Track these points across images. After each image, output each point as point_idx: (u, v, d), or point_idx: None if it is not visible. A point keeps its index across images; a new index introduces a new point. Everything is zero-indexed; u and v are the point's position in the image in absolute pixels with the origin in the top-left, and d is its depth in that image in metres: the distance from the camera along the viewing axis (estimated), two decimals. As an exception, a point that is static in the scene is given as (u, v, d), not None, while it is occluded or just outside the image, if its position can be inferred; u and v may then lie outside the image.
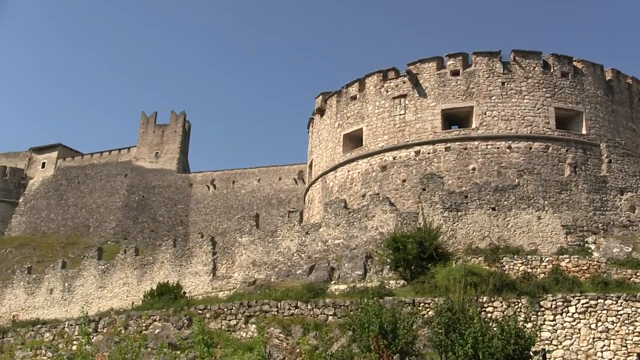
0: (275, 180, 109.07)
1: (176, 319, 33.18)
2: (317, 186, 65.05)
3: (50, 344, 35.99)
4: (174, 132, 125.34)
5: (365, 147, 59.89)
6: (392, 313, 25.21)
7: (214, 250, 54.88)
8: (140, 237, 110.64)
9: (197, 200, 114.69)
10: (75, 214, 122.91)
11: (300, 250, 49.88)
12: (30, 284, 63.63)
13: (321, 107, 66.99)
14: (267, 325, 28.44)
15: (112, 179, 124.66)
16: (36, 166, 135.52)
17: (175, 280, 51.26)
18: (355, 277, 43.25)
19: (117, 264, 59.34)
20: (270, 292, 35.40)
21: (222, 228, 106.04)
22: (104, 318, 36.39)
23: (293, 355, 25.79)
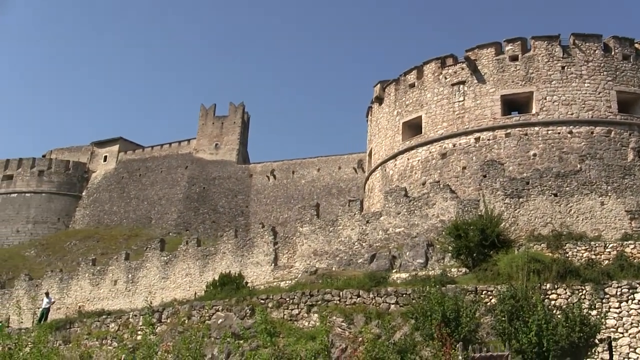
0: (335, 169, 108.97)
1: (239, 308, 33.36)
2: (377, 175, 64.98)
3: (115, 334, 36.45)
4: (233, 124, 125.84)
5: (424, 135, 59.69)
6: (454, 301, 25.10)
7: (275, 240, 55.03)
8: (201, 228, 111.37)
9: (257, 191, 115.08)
10: (137, 206, 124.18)
11: (361, 239, 49.84)
12: (95, 276, 64.44)
13: (379, 96, 66.86)
14: (329, 314, 28.41)
15: (172, 171, 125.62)
16: (98, 160, 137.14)
17: (237, 270, 51.47)
18: (416, 266, 43.12)
19: (180, 255, 59.81)
20: (332, 281, 35.43)
21: (282, 218, 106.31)
22: (168, 308, 36.75)
23: (355, 344, 25.74)
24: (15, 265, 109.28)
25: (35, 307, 58.77)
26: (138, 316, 36.96)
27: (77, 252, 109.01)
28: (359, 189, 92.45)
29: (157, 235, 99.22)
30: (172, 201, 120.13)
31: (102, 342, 35.92)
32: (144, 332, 26.25)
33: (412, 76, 63.05)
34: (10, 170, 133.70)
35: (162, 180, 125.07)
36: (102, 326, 38.54)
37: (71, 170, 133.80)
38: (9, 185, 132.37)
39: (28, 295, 66.06)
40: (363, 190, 73.31)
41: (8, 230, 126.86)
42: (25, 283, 69.25)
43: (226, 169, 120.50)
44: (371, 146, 68.56)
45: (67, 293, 65.11)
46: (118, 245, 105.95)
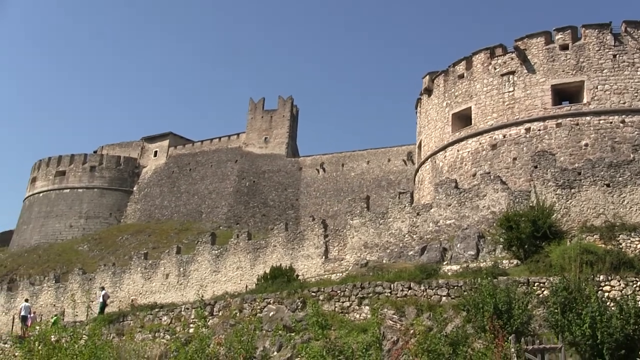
0: (384, 161, 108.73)
1: (290, 301, 33.50)
2: (426, 167, 64.76)
3: (168, 327, 36.76)
4: (282, 117, 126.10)
5: (474, 126, 59.36)
6: (506, 293, 24.97)
7: (326, 233, 55.03)
8: (251, 221, 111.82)
9: (307, 184, 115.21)
10: (188, 201, 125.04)
11: (412, 231, 49.68)
12: (147, 269, 64.97)
13: (428, 87, 66.59)
14: (380, 306, 28.47)
15: (222, 165, 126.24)
16: (148, 155, 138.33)
17: (288, 263, 51.63)
18: (467, 258, 42.86)
19: (230, 249, 60.05)
20: (383, 273, 35.45)
21: (332, 211, 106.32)
22: (219, 302, 36.98)
23: (407, 337, 25.76)
24: (69, 260, 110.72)
25: (89, 300, 59.44)
26: (190, 309, 37.24)
27: (129, 246, 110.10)
28: (409, 181, 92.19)
29: (207, 229, 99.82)
30: (222, 195, 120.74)
31: (154, 335, 36.26)
32: (197, 325, 26.46)
33: (461, 67, 62.71)
34: (62, 167, 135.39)
35: (212, 175, 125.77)
36: (154, 319, 38.90)
37: (122, 165, 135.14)
38: (62, 181, 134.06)
39: (82, 289, 66.88)
40: (413, 182, 73.07)
41: (61, 225, 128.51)
42: (79, 277, 70.08)
43: (276, 162, 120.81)
44: (420, 138, 68.32)
45: (120, 287, 65.76)
46: (169, 239, 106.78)
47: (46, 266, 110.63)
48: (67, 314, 61.05)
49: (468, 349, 22.11)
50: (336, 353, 21.29)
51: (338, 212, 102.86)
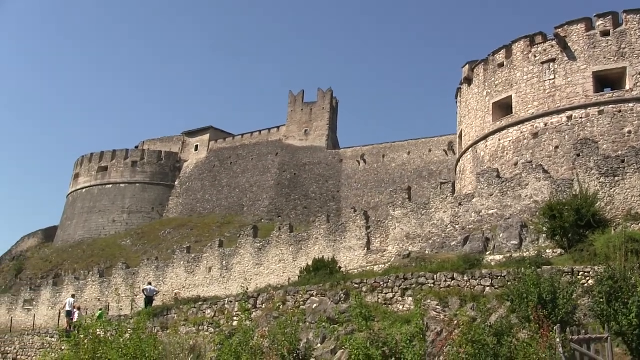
0: (425, 152, 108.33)
1: (333, 293, 33.51)
2: (467, 156, 64.48)
3: (211, 320, 36.95)
4: (321, 109, 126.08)
5: (515, 115, 58.97)
6: (550, 283, 24.77)
7: (368, 224, 54.98)
8: (293, 214, 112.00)
9: (348, 176, 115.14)
10: (229, 194, 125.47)
11: (454, 221, 49.51)
12: (190, 263, 65.35)
13: (468, 77, 66.26)
14: (423, 297, 28.34)
15: (263, 158, 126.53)
16: (189, 149, 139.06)
17: (330, 255, 51.67)
18: (510, 247, 42.63)
19: (273, 241, 60.22)
20: (426, 264, 35.36)
21: (374, 202, 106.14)
22: (262, 294, 37.08)
23: (451, 327, 25.66)
24: (113, 254, 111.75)
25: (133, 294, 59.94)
26: (233, 302, 37.39)
27: (171, 240, 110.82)
28: (450, 171, 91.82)
29: (249, 222, 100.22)
30: (264, 188, 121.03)
31: (198, 328, 36.47)
32: (240, 317, 26.60)
33: (500, 56, 62.30)
34: (104, 162, 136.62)
35: (253, 168, 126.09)
36: (198, 312, 39.13)
37: (163, 160, 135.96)
38: (104, 176, 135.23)
39: (126, 283, 67.45)
40: (454, 172, 72.77)
41: (104, 220, 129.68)
42: (123, 271, 70.71)
43: (316, 154, 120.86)
44: (461, 128, 68.03)
45: (163, 281, 66.23)
46: (211, 232, 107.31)
47: (90, 261, 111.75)
48: (111, 308, 61.57)
49: (513, 339, 21.98)
50: (380, 344, 21.30)
51: (379, 203, 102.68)
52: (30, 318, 71.91)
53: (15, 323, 70.90)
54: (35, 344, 51.91)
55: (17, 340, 53.96)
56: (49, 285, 77.86)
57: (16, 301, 78.29)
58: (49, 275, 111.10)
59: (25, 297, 77.60)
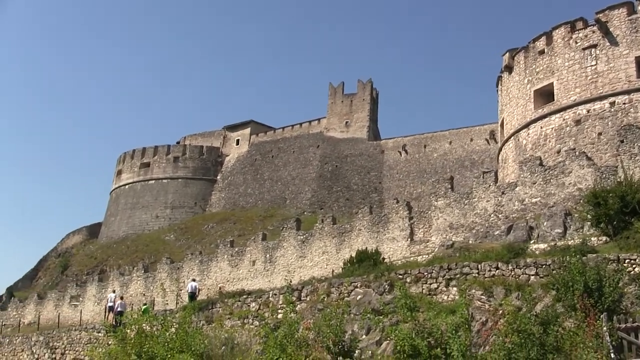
0: (466, 141, 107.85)
1: (377, 284, 33.52)
2: (509, 145, 64.08)
3: (256, 313, 37.11)
4: (362, 101, 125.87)
5: (557, 102, 58.46)
6: (596, 271, 24.58)
7: (410, 215, 54.88)
8: (335, 206, 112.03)
9: (389, 167, 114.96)
10: (271, 187, 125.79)
11: (497, 210, 49.24)
12: (234, 257, 65.61)
13: (509, 65, 65.81)
14: (468, 287, 28.31)
15: (304, 151, 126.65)
16: (231, 143, 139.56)
17: (373, 246, 51.64)
18: (554, 236, 42.31)
19: (316, 234, 60.29)
20: (470, 254, 35.22)
21: (416, 193, 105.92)
22: (307, 286, 37.18)
23: (496, 317, 25.57)
24: (157, 250, 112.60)
25: (178, 289, 60.30)
26: (278, 295, 37.52)
27: (214, 234, 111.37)
28: (492, 160, 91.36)
29: (292, 215, 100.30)
30: (306, 180, 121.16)
31: (243, 321, 36.63)
32: (285, 310, 26.68)
33: (541, 42, 61.77)
34: (146, 158, 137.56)
35: (295, 161, 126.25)
36: (243, 306, 39.31)
37: (205, 155, 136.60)
38: (147, 172, 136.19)
39: (170, 278, 67.93)
40: (496, 161, 72.34)
41: (148, 216, 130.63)
42: (167, 266, 71.17)
43: (357, 146, 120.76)
44: (503, 116, 67.61)
45: (207, 275, 66.57)
46: (254, 226, 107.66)
47: (134, 256, 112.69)
48: (156, 303, 62.05)
49: (559, 328, 21.87)
50: (425, 335, 21.29)
51: (422, 193, 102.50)
52: (77, 314, 72.63)
53: (62, 319, 71.66)
54: (82, 339, 52.53)
55: (64, 336, 54.64)
56: (95, 281, 78.62)
57: (63, 297, 79.15)
58: (94, 271, 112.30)
59: (72, 293, 78.44)
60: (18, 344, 60.06)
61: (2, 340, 63.36)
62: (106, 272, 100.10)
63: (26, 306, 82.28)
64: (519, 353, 20.28)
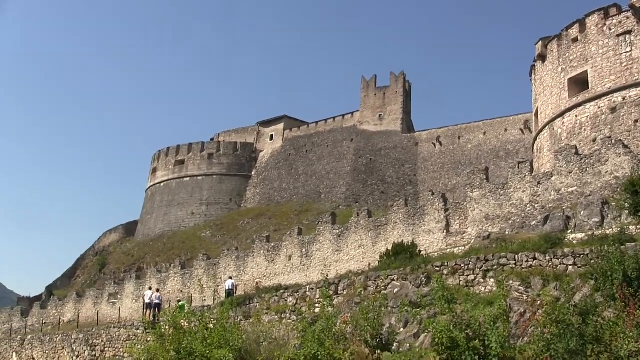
0: (501, 132, 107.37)
1: (414, 277, 33.46)
2: (544, 134, 63.70)
3: (294, 308, 37.20)
4: (395, 93, 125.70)
5: (591, 90, 58.00)
6: (635, 260, 24.30)
7: (446, 207, 54.70)
8: (370, 199, 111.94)
9: (424, 159, 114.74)
10: (306, 182, 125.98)
11: (533, 200, 48.92)
12: (270, 252, 65.78)
13: (542, 53, 65.38)
14: (505, 278, 28.11)
15: (338, 145, 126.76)
16: (264, 139, 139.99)
17: (409, 239, 51.55)
18: (592, 225, 41.94)
19: (351, 227, 60.26)
20: (506, 245, 35.00)
21: (451, 184, 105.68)
22: (343, 280, 37.19)
23: (534, 308, 25.41)
24: (193, 246, 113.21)
25: (215, 285, 60.53)
26: (315, 289, 37.59)
27: (250, 230, 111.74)
28: (527, 150, 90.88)
29: (327, 209, 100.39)
30: (340, 174, 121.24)
31: (281, 316, 36.72)
32: (322, 304, 26.68)
33: (574, 30, 61.28)
34: (181, 156, 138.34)
35: (329, 155, 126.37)
36: (280, 301, 39.45)
37: (239, 151, 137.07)
38: (182, 170, 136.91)
39: (207, 274, 68.19)
40: (531, 151, 71.91)
41: (183, 213, 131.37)
42: (204, 262, 71.50)
43: (391, 139, 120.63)
44: (537, 105, 67.21)
45: (244, 270, 66.78)
46: (290, 221, 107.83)
47: (171, 253, 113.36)
48: (194, 299, 62.30)
49: (598, 318, 21.66)
50: (463, 327, 21.20)
51: (457, 185, 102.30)
52: (115, 311, 73.19)
53: (101, 316, 72.32)
54: (121, 336, 52.99)
55: (104, 333, 55.16)
56: (132, 278, 79.20)
57: (101, 295, 79.77)
58: (131, 269, 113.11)
59: (110, 291, 79.03)
60: (58, 342, 60.70)
61: (43, 338, 64.08)
62: (143, 270, 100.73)
63: (65, 304, 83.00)
64: (558, 344, 20.13)
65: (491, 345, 20.39)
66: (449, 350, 20.67)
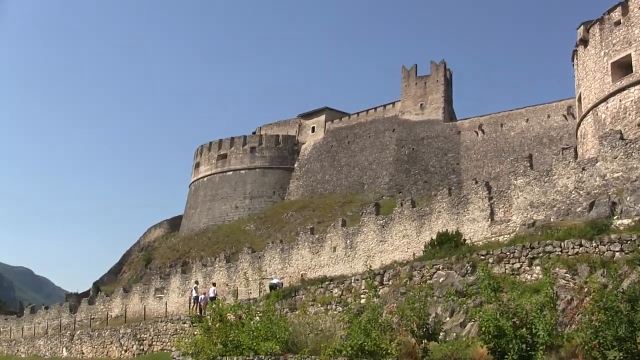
0: (544, 118, 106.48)
1: (459, 266, 33.34)
2: (588, 120, 63.10)
3: (339, 299, 37.23)
4: (436, 82, 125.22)
5: (635, 74, 57.34)
6: (683, 244, 24.10)
7: (490, 195, 54.39)
8: (414, 189, 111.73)
9: (466, 147, 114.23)
10: (349, 173, 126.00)
11: (578, 187, 48.47)
12: (314, 244, 65.86)
13: (584, 38, 64.73)
14: (551, 266, 27.93)
15: (380, 135, 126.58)
16: (306, 131, 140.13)
17: (454, 228, 51.38)
18: (638, 211, 41.52)
19: (395, 218, 60.14)
20: (552, 232, 34.78)
21: (494, 172, 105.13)
22: (388, 271, 37.14)
23: (581, 295, 25.22)
24: (237, 240, 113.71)
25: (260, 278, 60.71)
26: (360, 280, 37.55)
27: (294, 222, 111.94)
28: (571, 136, 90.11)
29: (370, 200, 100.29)
30: (383, 165, 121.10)
31: (326, 307, 36.75)
32: (368, 295, 26.67)
33: (616, 13, 60.59)
34: (223, 150, 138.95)
35: (371, 145, 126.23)
36: (325, 292, 39.48)
37: (281, 144, 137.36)
38: (224, 164, 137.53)
39: (252, 267, 68.44)
40: (575, 137, 71.33)
41: (227, 207, 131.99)
42: (249, 256, 71.77)
43: (433, 128, 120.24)
44: (580, 91, 66.60)
45: (289, 262, 66.96)
46: (333, 212, 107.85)
47: (216, 247, 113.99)
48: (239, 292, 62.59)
49: (647, 304, 21.45)
50: (510, 315, 21.07)
51: (500, 173, 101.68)
52: (162, 305, 73.76)
53: (148, 311, 72.95)
54: (168, 330, 53.44)
55: (151, 327, 55.64)
56: (178, 273, 79.68)
57: (147, 290, 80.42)
58: (177, 263, 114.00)
59: (156, 286, 79.64)
60: (107, 337, 61.38)
61: (91, 334, 64.84)
62: (189, 264, 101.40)
63: (113, 300, 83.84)
64: (606, 331, 19.94)
65: (538, 333, 20.25)
66: (496, 338, 20.56)
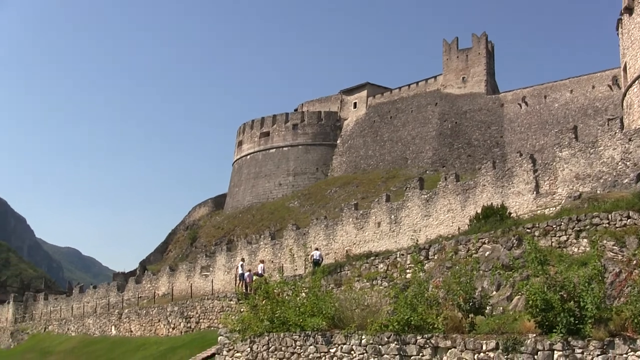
0: (588, 89, 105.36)
1: (505, 239, 33.05)
2: (634, 89, 62.24)
3: (385, 274, 37.12)
4: (477, 55, 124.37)
5: (682, 42, 56.51)
6: None
7: (535, 167, 53.95)
8: (457, 163, 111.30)
9: (510, 120, 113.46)
10: (392, 148, 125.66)
11: (625, 158, 47.90)
12: (359, 220, 65.75)
13: (629, 6, 63.75)
14: (599, 238, 27.61)
15: (423, 110, 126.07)
16: (348, 107, 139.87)
17: (499, 201, 51.04)
18: (687, 180, 41.03)
19: (440, 192, 59.86)
20: (599, 204, 34.38)
21: (538, 145, 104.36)
22: (434, 245, 36.95)
23: (630, 267, 24.93)
24: (282, 217, 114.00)
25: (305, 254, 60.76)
26: (405, 255, 37.40)
27: (338, 198, 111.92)
28: (617, 106, 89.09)
29: (414, 174, 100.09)
30: (426, 139, 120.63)
31: (372, 282, 36.68)
32: (413, 270, 26.62)
33: (662, -19, 59.70)
34: (266, 128, 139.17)
35: (414, 120, 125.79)
36: (371, 267, 39.35)
37: (323, 120, 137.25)
38: (267, 141, 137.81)
39: (297, 244, 68.51)
40: (621, 107, 70.44)
41: (271, 184, 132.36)
42: (294, 232, 71.80)
43: (476, 101, 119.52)
44: (625, 60, 65.68)
45: (334, 239, 66.92)
46: (377, 188, 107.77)
47: (260, 225, 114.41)
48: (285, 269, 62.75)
49: (697, 276, 21.19)
50: (557, 288, 20.89)
51: (545, 145, 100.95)
52: (208, 283, 74.16)
53: (194, 289, 73.44)
54: (215, 307, 53.83)
55: (198, 305, 56.09)
56: (223, 251, 79.95)
57: (193, 268, 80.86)
58: (222, 241, 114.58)
59: (202, 264, 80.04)
60: (154, 315, 62.00)
61: (139, 312, 65.52)
62: (234, 242, 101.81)
63: (159, 278, 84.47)
64: (656, 303, 19.74)
65: (586, 306, 20.08)
66: (543, 312, 20.42)
